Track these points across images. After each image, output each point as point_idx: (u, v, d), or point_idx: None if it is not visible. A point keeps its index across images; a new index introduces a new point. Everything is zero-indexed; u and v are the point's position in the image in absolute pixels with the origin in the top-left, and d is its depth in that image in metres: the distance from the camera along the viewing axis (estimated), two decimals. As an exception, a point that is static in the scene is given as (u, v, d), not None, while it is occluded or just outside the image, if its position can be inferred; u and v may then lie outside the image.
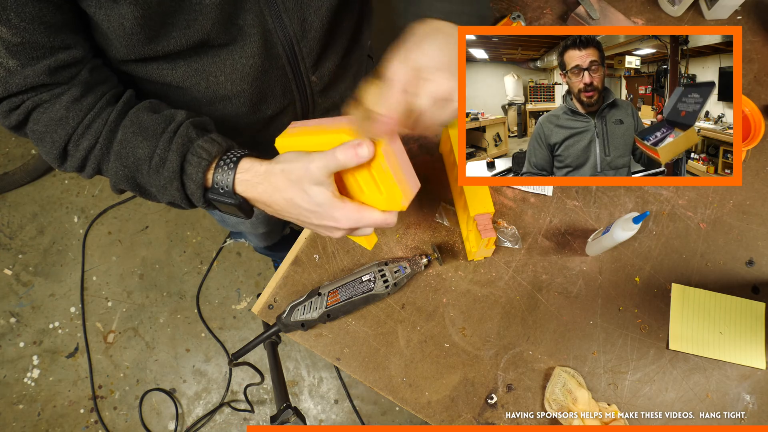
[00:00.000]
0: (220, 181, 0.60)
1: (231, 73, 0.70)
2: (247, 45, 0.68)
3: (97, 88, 0.63)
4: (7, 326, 1.80)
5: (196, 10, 0.60)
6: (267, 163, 0.59)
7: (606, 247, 0.81)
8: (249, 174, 0.59)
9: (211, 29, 0.62)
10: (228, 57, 0.68)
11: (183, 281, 1.86)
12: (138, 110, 0.63)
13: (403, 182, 0.57)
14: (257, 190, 0.60)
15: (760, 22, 1.05)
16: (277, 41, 0.71)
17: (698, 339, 0.83)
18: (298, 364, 1.77)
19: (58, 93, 0.61)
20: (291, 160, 0.57)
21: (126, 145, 0.61)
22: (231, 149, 0.62)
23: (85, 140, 0.62)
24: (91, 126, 0.62)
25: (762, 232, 0.89)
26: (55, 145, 0.62)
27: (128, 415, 1.71)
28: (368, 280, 0.78)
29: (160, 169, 0.60)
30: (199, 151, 0.60)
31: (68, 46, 0.59)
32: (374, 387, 0.79)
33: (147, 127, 0.61)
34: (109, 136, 0.62)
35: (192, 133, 0.61)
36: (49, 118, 0.61)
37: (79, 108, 0.61)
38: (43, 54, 0.57)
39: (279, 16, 0.68)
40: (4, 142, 2.02)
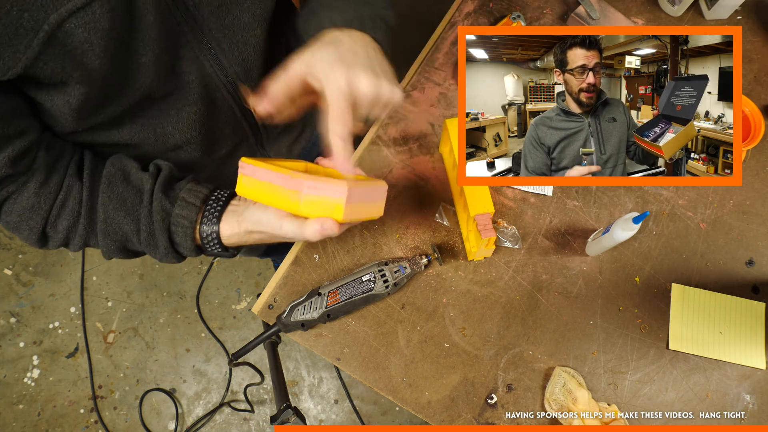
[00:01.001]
0: (208, 238, 0.64)
1: (177, 122, 0.70)
2: (188, 93, 0.68)
3: (58, 166, 0.63)
4: (7, 326, 1.80)
5: (134, 69, 0.59)
6: (244, 223, 0.62)
7: (606, 247, 0.81)
8: (235, 237, 0.64)
9: (151, 84, 0.62)
10: (171, 107, 0.68)
11: (183, 281, 1.86)
12: (110, 183, 0.63)
13: (371, 209, 0.59)
14: (247, 244, 0.65)
15: (760, 22, 1.05)
16: (220, 85, 0.70)
17: (698, 339, 0.83)
18: (298, 364, 1.77)
19: (24, 181, 0.61)
20: (264, 223, 0.60)
21: (111, 223, 0.63)
22: (206, 201, 0.65)
23: (62, 221, 0.63)
24: (65, 206, 0.63)
25: (762, 232, 0.89)
26: (33, 231, 0.63)
27: (128, 415, 1.71)
28: (368, 280, 0.78)
29: (153, 244, 0.64)
30: (180, 221, 0.63)
31: (22, 132, 0.58)
32: (374, 387, 0.79)
33: (125, 199, 0.63)
34: (90, 216, 0.63)
35: (165, 203, 0.63)
36: (21, 207, 0.61)
37: (48, 191, 0.62)
38: (1, 146, 0.56)
39: (217, 60, 0.68)
40: (4, 142, 2.02)
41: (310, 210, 0.53)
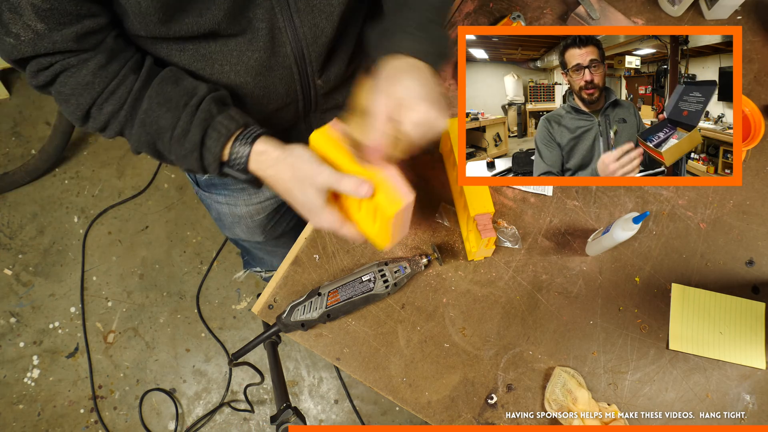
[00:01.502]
0: (236, 157, 0.65)
1: (236, 64, 0.72)
2: (255, 39, 0.70)
3: (121, 56, 0.67)
4: (7, 326, 1.80)
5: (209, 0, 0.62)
6: (280, 150, 0.64)
7: (606, 247, 0.81)
8: (263, 156, 0.65)
9: (222, 19, 0.65)
10: (235, 48, 0.70)
11: (183, 281, 1.86)
12: (162, 81, 0.67)
13: (396, 234, 0.66)
14: (267, 173, 0.65)
15: (760, 22, 1.05)
16: (287, 41, 0.72)
17: (698, 339, 0.83)
18: (298, 364, 1.77)
19: (85, 59, 0.64)
20: (303, 159, 0.62)
21: (150, 115, 0.66)
22: (249, 126, 0.66)
23: (108, 105, 0.66)
24: (116, 92, 0.66)
25: (762, 232, 0.89)
26: (80, 107, 0.66)
27: (128, 415, 1.71)
28: (368, 280, 0.78)
29: (181, 140, 0.65)
30: (219, 127, 0.64)
31: (94, 14, 0.62)
32: (374, 387, 0.79)
33: (171, 98, 0.66)
34: (134, 104, 0.66)
35: (213, 108, 0.65)
36: (76, 82, 0.64)
37: (105, 74, 0.65)
38: (70, 20, 0.60)
39: (290, 17, 0.70)
40: (5, 142, 2.02)
41: (380, 187, 0.59)
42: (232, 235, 1.21)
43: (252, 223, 1.12)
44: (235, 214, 1.08)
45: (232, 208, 1.06)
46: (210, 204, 1.09)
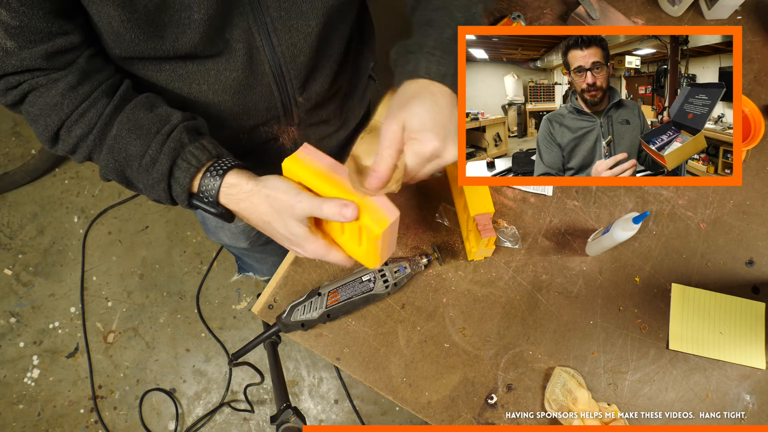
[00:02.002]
0: (206, 189, 0.62)
1: (214, 83, 0.71)
2: (232, 59, 0.69)
3: (93, 77, 0.64)
4: (7, 326, 1.80)
5: (185, 24, 0.61)
6: (253, 182, 0.61)
7: (606, 247, 0.81)
8: (234, 189, 0.61)
9: (199, 42, 0.63)
10: (213, 68, 0.69)
11: (183, 281, 1.86)
12: (135, 106, 0.64)
13: (385, 253, 0.62)
14: (239, 206, 0.62)
15: (760, 22, 1.05)
16: (265, 59, 0.71)
17: (698, 339, 0.83)
18: (298, 364, 1.77)
19: (55, 78, 0.62)
20: (279, 189, 0.58)
21: (119, 141, 0.63)
22: (221, 157, 0.63)
23: (77, 128, 0.63)
24: (85, 115, 0.63)
25: (762, 232, 0.89)
26: (48, 129, 0.63)
27: (128, 415, 1.71)
28: (368, 280, 0.78)
29: (149, 169, 0.62)
30: (189, 157, 0.61)
31: (66, 32, 0.60)
32: (374, 387, 0.79)
33: (142, 125, 0.63)
34: (104, 129, 0.64)
35: (185, 138, 0.62)
36: (44, 102, 0.62)
37: (75, 96, 0.62)
38: (41, 38, 0.58)
39: (267, 36, 0.69)
40: (4, 142, 2.02)
41: (363, 208, 0.56)
42: (217, 239, 1.21)
43: (236, 229, 1.11)
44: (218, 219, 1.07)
45: None
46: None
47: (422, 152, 0.58)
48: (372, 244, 0.59)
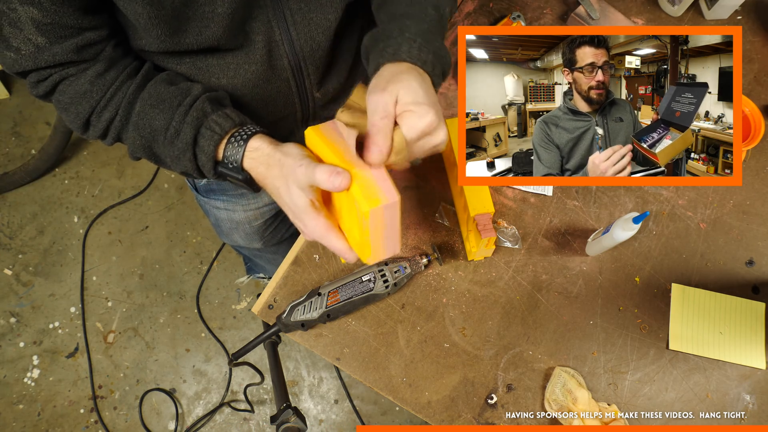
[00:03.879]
0: (230, 155, 0.62)
1: (233, 77, 0.72)
2: (252, 52, 0.70)
3: (119, 63, 0.66)
4: (7, 326, 1.80)
5: (209, 18, 0.62)
6: (273, 147, 0.60)
7: (606, 247, 0.81)
8: (256, 153, 0.61)
9: (221, 36, 0.65)
10: (232, 61, 0.70)
11: (183, 281, 1.86)
12: (156, 82, 0.66)
13: (379, 245, 0.57)
14: (259, 170, 0.61)
15: (760, 22, 1.05)
16: (284, 54, 0.72)
17: (698, 339, 0.83)
18: (298, 364, 1.77)
19: (84, 68, 0.64)
20: (291, 154, 0.58)
21: (143, 117, 0.65)
22: (244, 125, 0.64)
23: (106, 112, 0.65)
24: (113, 99, 0.65)
25: (762, 232, 0.89)
26: (80, 116, 0.66)
27: (128, 415, 1.71)
28: (368, 280, 0.78)
29: (174, 140, 0.63)
30: (213, 125, 0.62)
31: (95, 27, 0.62)
32: (374, 387, 0.79)
33: (164, 99, 0.64)
34: (128, 108, 0.66)
35: (207, 107, 0.63)
36: (74, 91, 0.64)
37: (103, 82, 0.64)
38: (71, 33, 0.60)
39: (287, 30, 0.70)
40: (4, 142, 2.02)
41: (357, 181, 0.53)
42: (230, 241, 1.21)
43: (250, 229, 1.11)
44: (233, 220, 1.08)
45: (230, 214, 1.06)
46: (208, 210, 1.09)
47: (418, 126, 0.55)
48: (363, 226, 0.55)
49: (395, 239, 0.58)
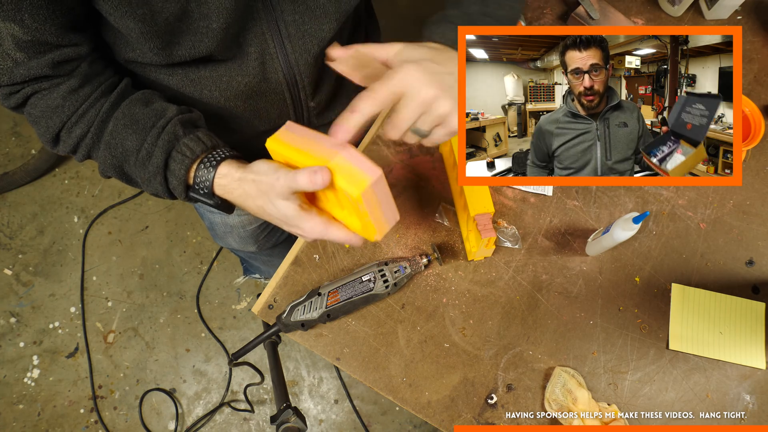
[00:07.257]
0: (201, 180, 0.62)
1: (226, 89, 0.71)
2: (244, 64, 0.69)
3: (94, 80, 0.65)
4: (7, 326, 1.80)
5: (203, 33, 0.62)
6: (242, 170, 0.60)
7: (606, 247, 0.81)
8: (226, 179, 0.61)
9: (215, 48, 0.64)
10: (225, 73, 0.69)
11: (183, 281, 1.86)
12: (131, 102, 0.65)
13: (380, 220, 0.58)
14: (233, 195, 0.61)
15: (760, 22, 1.05)
16: (279, 68, 0.72)
17: (698, 339, 0.83)
18: (298, 364, 1.77)
19: (57, 83, 0.63)
20: (262, 172, 0.58)
21: (116, 136, 0.63)
22: (216, 149, 0.63)
23: (77, 128, 0.64)
24: (85, 115, 0.64)
25: (762, 232, 0.89)
26: (49, 131, 0.64)
27: (128, 415, 1.71)
28: (368, 280, 0.78)
29: (146, 163, 0.62)
30: (184, 149, 0.61)
31: (75, 44, 0.61)
32: (374, 387, 0.79)
33: (138, 120, 0.63)
34: (101, 126, 0.64)
35: (179, 130, 0.62)
36: (45, 104, 0.63)
37: (76, 98, 0.63)
38: (50, 49, 0.59)
39: (281, 43, 0.69)
40: (4, 142, 2.02)
41: (337, 171, 0.53)
42: (224, 244, 1.21)
43: (244, 233, 1.11)
44: (226, 224, 1.07)
45: (224, 218, 1.05)
46: (203, 213, 1.09)
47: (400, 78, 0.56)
48: (360, 212, 0.55)
49: (392, 208, 0.59)
